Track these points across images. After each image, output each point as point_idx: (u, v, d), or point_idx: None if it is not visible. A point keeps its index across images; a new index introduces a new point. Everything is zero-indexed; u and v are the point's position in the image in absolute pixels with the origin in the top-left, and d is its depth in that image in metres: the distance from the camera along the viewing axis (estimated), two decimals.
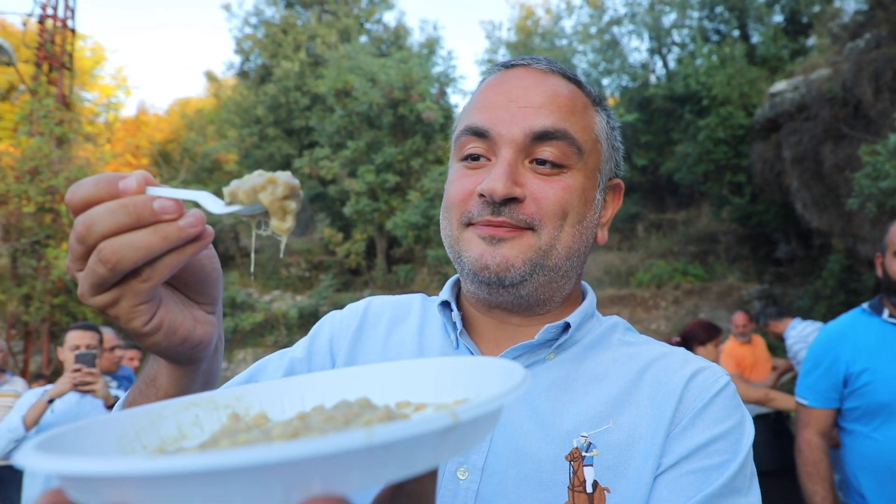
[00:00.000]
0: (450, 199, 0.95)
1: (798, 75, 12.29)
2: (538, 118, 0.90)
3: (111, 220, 0.54)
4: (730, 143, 14.64)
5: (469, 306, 1.02)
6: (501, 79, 0.97)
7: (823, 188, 11.28)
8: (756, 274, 14.99)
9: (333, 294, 14.76)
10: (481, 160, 0.93)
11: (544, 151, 0.90)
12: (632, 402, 0.88)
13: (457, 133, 0.97)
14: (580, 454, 0.84)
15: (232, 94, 18.19)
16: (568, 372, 0.93)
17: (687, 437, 0.84)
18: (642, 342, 1.00)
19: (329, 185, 15.42)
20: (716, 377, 0.90)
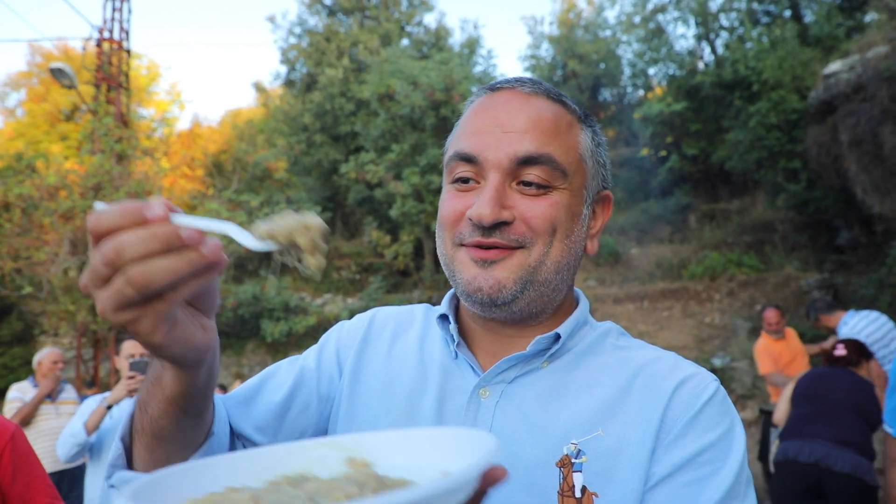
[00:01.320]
0: (443, 220, 1.00)
1: (854, 54, 11.77)
2: (522, 143, 0.93)
3: (143, 246, 0.58)
4: (783, 129, 14.13)
5: (467, 318, 1.07)
6: (488, 103, 1.00)
7: (884, 171, 10.78)
8: (816, 263, 14.43)
9: (383, 296, 14.97)
10: (471, 182, 0.97)
11: (529, 175, 0.94)
12: (621, 410, 0.91)
13: (447, 157, 1.01)
14: (570, 461, 0.87)
15: (279, 103, 18.67)
16: (559, 380, 0.96)
17: (679, 447, 0.87)
18: (635, 346, 1.03)
19: (375, 188, 15.65)
20: (705, 384, 0.93)
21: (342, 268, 17.77)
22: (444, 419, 0.97)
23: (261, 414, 1.01)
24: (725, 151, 15.90)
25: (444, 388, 1.00)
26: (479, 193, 0.94)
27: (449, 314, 1.06)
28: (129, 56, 15.01)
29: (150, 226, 0.59)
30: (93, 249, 0.61)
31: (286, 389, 1.04)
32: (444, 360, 1.04)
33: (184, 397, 0.76)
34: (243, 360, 15.18)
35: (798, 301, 12.88)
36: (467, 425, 0.94)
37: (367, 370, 1.07)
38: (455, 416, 0.97)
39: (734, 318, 13.07)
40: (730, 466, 0.86)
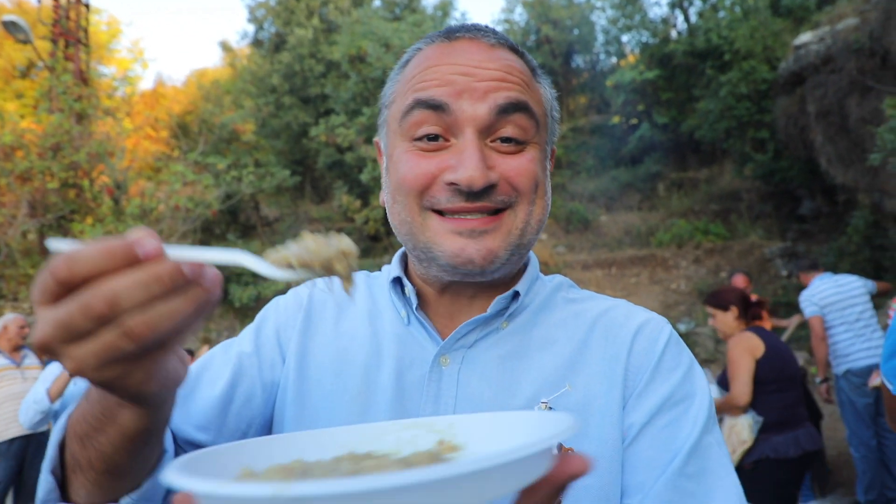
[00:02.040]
0: (406, 183, 0.88)
1: (824, 26, 11.88)
2: (500, 91, 0.86)
3: (143, 294, 0.49)
4: (752, 99, 14.29)
5: (419, 281, 1.00)
6: (446, 50, 0.90)
7: (848, 143, 11.00)
8: (779, 231, 14.78)
9: None
10: (440, 140, 0.87)
11: (507, 128, 0.87)
12: (584, 363, 0.91)
13: (404, 107, 0.89)
14: None
15: (247, 63, 18.15)
16: (520, 340, 0.94)
17: (650, 394, 0.88)
18: (586, 297, 1.02)
19: (346, 152, 15.42)
20: (660, 328, 0.95)
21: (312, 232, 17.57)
22: (404, 392, 0.91)
23: (201, 411, 0.93)
24: (696, 120, 16.04)
25: (401, 360, 0.94)
26: (452, 154, 0.86)
27: (402, 277, 0.99)
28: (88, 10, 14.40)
29: (146, 266, 0.50)
30: (60, 301, 0.50)
31: (225, 381, 0.95)
32: (396, 329, 0.98)
33: (148, 432, 0.67)
34: (211, 325, 15.02)
35: (761, 268, 13.21)
36: (430, 396, 0.90)
37: (315, 349, 0.99)
38: (416, 388, 0.92)
39: (699, 284, 13.36)
40: (699, 401, 0.88)
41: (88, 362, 0.51)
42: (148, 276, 0.50)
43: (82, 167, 12.53)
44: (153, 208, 13.78)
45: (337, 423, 0.86)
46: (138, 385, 0.56)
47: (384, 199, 0.98)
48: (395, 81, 0.96)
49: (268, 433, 0.97)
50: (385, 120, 0.97)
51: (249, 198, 16.31)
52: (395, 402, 0.90)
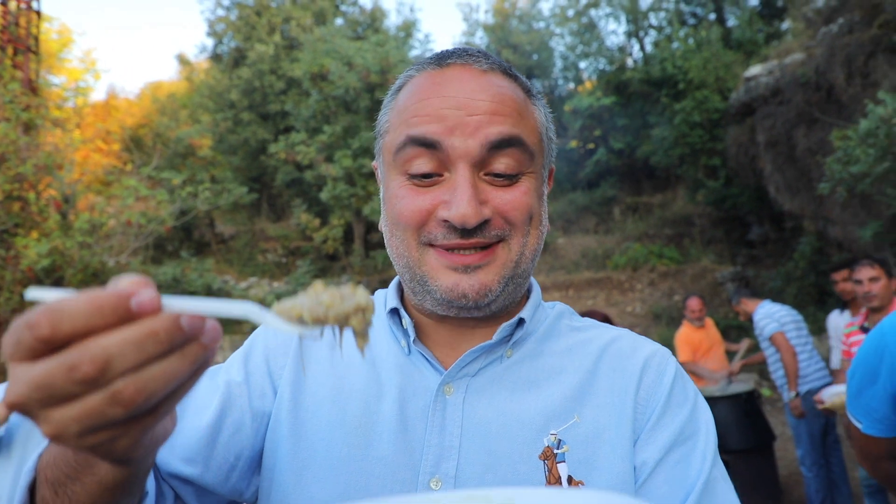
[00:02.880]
0: (402, 219, 0.88)
1: (772, 59, 12.41)
2: (492, 126, 0.85)
3: (136, 354, 0.45)
4: (705, 127, 14.77)
5: (416, 312, 0.98)
6: (438, 79, 0.89)
7: (796, 172, 11.45)
8: (730, 256, 15.23)
9: (311, 280, 14.67)
10: (433, 177, 0.86)
11: (499, 163, 0.86)
12: (592, 393, 0.90)
13: (398, 143, 0.88)
14: (552, 452, 0.84)
15: (205, 77, 17.84)
16: (526, 368, 0.93)
17: (662, 430, 0.88)
18: (590, 326, 1.02)
19: (305, 170, 15.26)
20: (666, 360, 0.95)
21: (268, 251, 17.29)
22: (408, 422, 0.88)
23: (187, 443, 0.87)
24: (650, 147, 16.47)
25: (403, 389, 0.91)
26: (445, 189, 0.85)
27: (400, 308, 0.96)
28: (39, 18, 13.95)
29: (141, 322, 0.45)
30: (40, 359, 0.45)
31: (213, 410, 0.90)
32: (397, 358, 0.95)
33: (128, 483, 0.61)
34: None
35: (713, 292, 13.55)
36: (435, 426, 0.87)
37: (310, 378, 0.95)
38: (420, 419, 0.89)
39: (654, 307, 13.61)
40: (705, 435, 0.89)
41: (70, 429, 0.46)
42: (142, 333, 0.45)
43: (28, 179, 12.03)
44: (103, 223, 13.32)
45: (336, 455, 0.86)
46: (123, 451, 0.50)
47: (382, 228, 0.96)
48: (389, 109, 0.94)
49: (257, 466, 0.93)
50: (380, 149, 0.96)
51: (204, 214, 15.95)
52: (398, 432, 0.87)
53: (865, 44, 9.06)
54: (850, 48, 9.35)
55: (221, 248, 16.98)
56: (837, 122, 9.26)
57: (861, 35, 9.19)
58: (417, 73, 0.92)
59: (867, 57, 9.08)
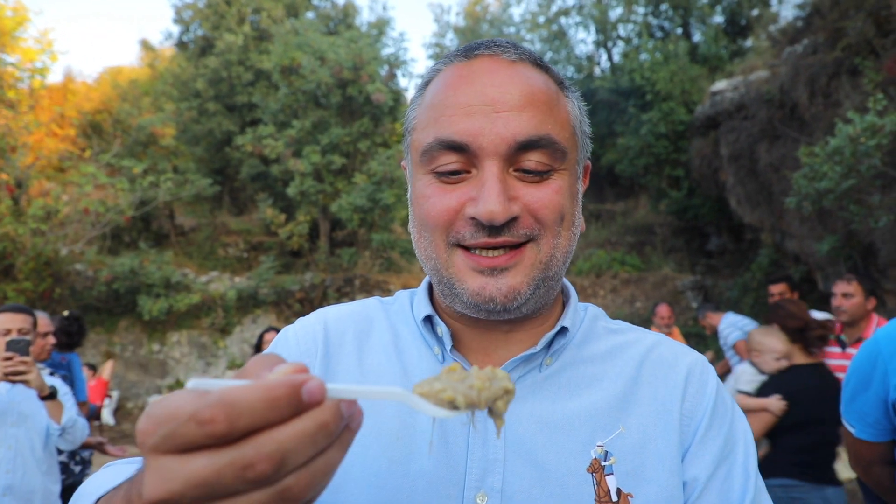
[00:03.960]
0: (430, 219, 0.86)
1: (738, 76, 12.77)
2: (521, 125, 0.82)
3: (311, 449, 0.44)
4: (670, 138, 15.11)
5: (448, 317, 0.95)
6: (466, 72, 0.86)
7: (757, 185, 11.81)
8: (689, 265, 15.60)
9: (274, 276, 14.42)
10: (461, 174, 0.84)
11: (529, 161, 0.83)
12: (635, 402, 0.88)
13: (425, 143, 0.85)
14: (600, 464, 0.83)
15: (170, 65, 17.37)
16: (568, 377, 0.90)
17: (710, 444, 0.87)
18: (626, 329, 1.01)
19: (272, 164, 15.00)
20: (708, 370, 0.94)
21: (229, 245, 16.91)
22: (448, 436, 0.85)
23: None
24: (615, 155, 16.74)
25: None
26: (473, 185, 0.83)
27: (434, 315, 0.93)
28: None
29: (311, 414, 0.45)
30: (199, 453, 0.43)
31: None
32: (431, 366, 0.92)
33: None
34: (115, 337, 14.09)
35: (674, 300, 13.86)
36: (478, 439, 0.84)
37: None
38: (461, 430, 0.85)
39: (616, 313, 13.85)
40: (745, 446, 0.89)
41: None
42: (315, 426, 0.44)
43: None
44: (58, 210, 12.84)
45: (375, 471, 0.82)
46: None
47: (410, 230, 0.93)
48: (416, 105, 0.92)
49: None
50: (408, 147, 0.93)
51: (164, 205, 15.51)
52: (440, 445, 0.84)
53: (828, 65, 9.41)
54: (814, 68, 9.69)
55: (181, 241, 16.54)
56: (799, 138, 9.59)
57: (824, 57, 9.54)
58: (445, 66, 0.90)
59: (830, 78, 9.43)
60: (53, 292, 13.14)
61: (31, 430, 3.46)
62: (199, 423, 0.42)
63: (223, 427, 0.42)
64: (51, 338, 4.44)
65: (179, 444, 0.43)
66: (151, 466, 0.44)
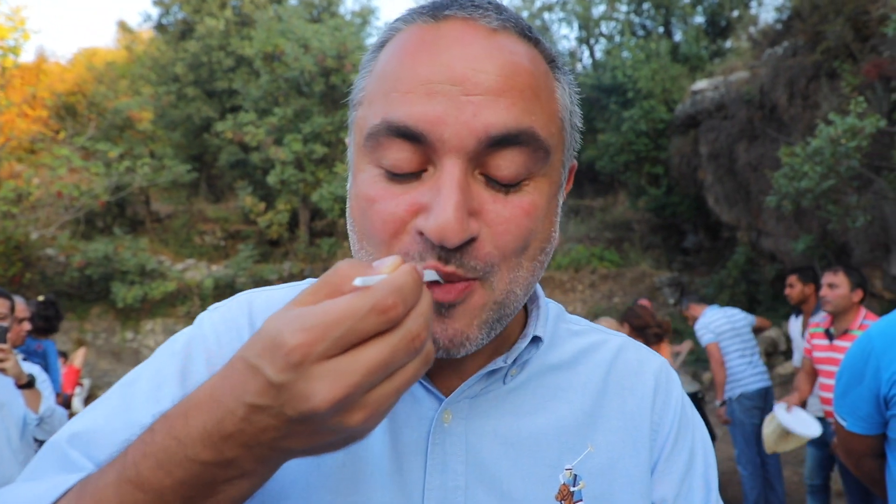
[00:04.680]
0: (371, 227, 0.66)
1: (718, 75, 12.95)
2: (496, 115, 0.62)
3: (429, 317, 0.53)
4: (650, 136, 15.26)
5: None
6: (431, 37, 0.65)
7: (735, 184, 12.01)
8: (666, 262, 15.81)
9: (252, 265, 14.29)
10: (416, 175, 0.65)
11: (500, 166, 0.64)
12: (603, 416, 0.80)
13: (371, 125, 0.65)
14: (569, 490, 0.74)
15: (148, 48, 17.04)
16: (533, 388, 0.79)
17: (676, 459, 0.83)
18: (587, 329, 0.89)
19: (252, 151, 14.83)
20: (672, 376, 0.88)
21: (206, 233, 16.70)
22: (402, 459, 0.72)
23: None
24: (596, 151, 16.87)
25: (393, 420, 0.74)
26: (428, 188, 0.63)
27: None
28: None
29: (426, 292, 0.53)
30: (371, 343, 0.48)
31: None
32: None
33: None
34: (87, 325, 13.85)
35: (651, 296, 14.04)
36: (436, 463, 0.72)
37: None
38: (416, 455, 0.72)
39: (595, 308, 13.99)
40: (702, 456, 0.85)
41: (384, 405, 0.50)
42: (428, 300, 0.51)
43: None
44: (30, 193, 12.55)
45: (318, 499, 0.69)
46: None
47: (348, 227, 0.73)
48: (367, 72, 0.72)
49: None
50: (352, 123, 0.73)
51: (140, 191, 15.25)
52: (392, 473, 0.71)
53: (808, 67, 9.58)
54: (794, 70, 9.86)
55: (157, 228, 16.29)
56: (778, 138, 9.76)
57: (804, 59, 9.71)
58: (405, 25, 0.69)
59: (809, 80, 9.60)
60: (23, 277, 12.86)
61: (8, 419, 3.33)
62: (381, 312, 0.46)
63: (401, 310, 0.47)
64: (26, 324, 4.31)
65: (356, 338, 0.46)
66: (316, 374, 0.46)
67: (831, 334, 4.07)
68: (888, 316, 2.04)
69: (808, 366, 4.37)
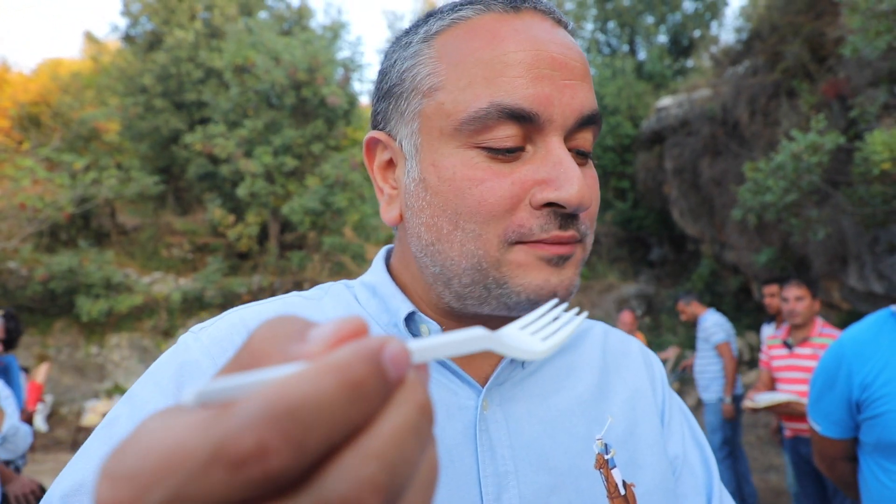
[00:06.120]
0: (478, 205, 0.67)
1: (682, 93, 13.35)
2: (586, 97, 0.70)
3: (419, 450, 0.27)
4: (617, 151, 15.61)
5: (439, 317, 0.79)
6: (520, 27, 0.69)
7: (699, 199, 12.36)
8: (633, 274, 16.12)
9: (221, 278, 14.12)
10: (516, 151, 0.68)
11: (585, 140, 0.72)
12: (612, 391, 0.86)
13: (473, 109, 0.67)
14: (604, 459, 0.78)
15: (115, 59, 16.80)
16: (549, 370, 0.83)
17: (676, 423, 0.90)
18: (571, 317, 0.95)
19: (221, 164, 14.71)
20: (653, 355, 0.96)
21: (173, 245, 16.44)
22: (452, 450, 0.72)
23: None
24: None
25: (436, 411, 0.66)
26: (536, 165, 0.68)
27: (416, 311, 0.76)
28: None
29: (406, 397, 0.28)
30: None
31: None
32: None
33: None
34: (49, 339, 13.48)
35: (619, 308, 14.30)
36: (485, 449, 0.73)
37: None
38: (465, 445, 0.73)
39: None
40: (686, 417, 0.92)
41: None
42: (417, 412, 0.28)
43: None
44: None
45: None
46: None
47: (416, 221, 0.73)
48: (429, 58, 0.71)
49: None
50: (417, 112, 0.71)
51: (105, 203, 14.96)
52: (444, 465, 0.71)
53: (768, 86, 9.97)
54: (754, 89, 10.25)
55: (123, 240, 15.98)
56: (741, 155, 10.11)
57: (764, 78, 10.10)
58: (477, 14, 0.70)
59: (769, 98, 9.99)
60: None
61: None
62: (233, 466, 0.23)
63: (286, 457, 0.24)
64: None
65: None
66: None
67: (790, 344, 4.25)
68: (859, 323, 2.11)
69: (765, 377, 4.46)
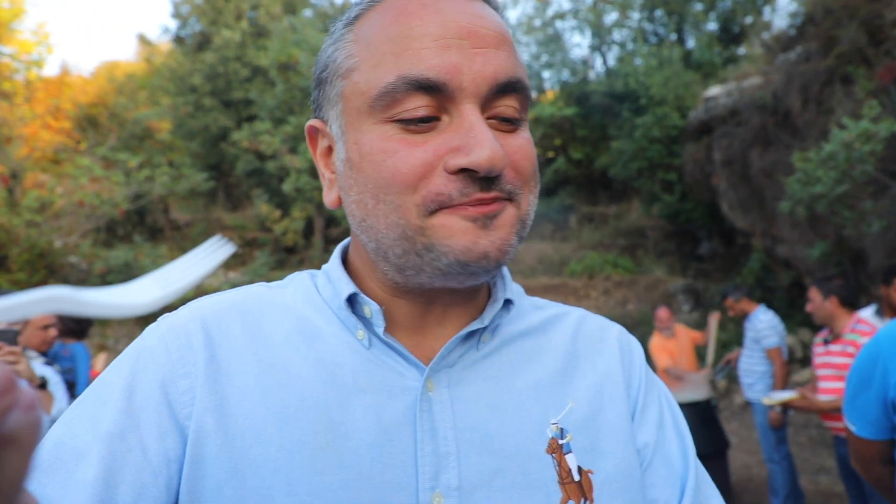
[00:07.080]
0: (392, 176, 0.68)
1: (731, 82, 12.94)
2: (500, 64, 0.70)
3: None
4: (664, 143, 15.24)
5: (383, 296, 0.79)
6: (423, 2, 0.71)
7: (749, 191, 11.97)
8: (680, 269, 15.76)
9: (268, 272, 14.46)
10: (432, 121, 0.69)
11: (507, 107, 0.72)
12: (578, 375, 0.84)
13: (383, 84, 0.68)
14: (557, 444, 0.77)
15: (166, 60, 17.37)
16: (508, 352, 0.82)
17: (650, 409, 0.88)
18: (549, 304, 0.94)
19: (267, 160, 15.03)
20: (632, 340, 0.94)
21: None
22: (389, 431, 0.72)
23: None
24: (609, 158, 16.89)
25: (376, 391, 0.74)
26: (450, 134, 0.69)
27: (358, 292, 0.77)
28: None
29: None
30: None
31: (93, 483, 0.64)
32: (355, 354, 0.77)
33: None
34: (108, 330, 14.06)
35: (666, 303, 14.03)
36: (426, 430, 0.72)
37: (239, 400, 0.72)
38: (404, 424, 0.73)
39: (610, 315, 13.99)
40: (668, 407, 0.90)
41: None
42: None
43: None
44: (53, 202, 12.83)
45: (304, 488, 0.68)
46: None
47: (348, 200, 0.75)
48: (346, 42, 0.74)
49: None
50: (339, 94, 0.74)
51: (159, 199, 15.51)
52: (379, 444, 0.71)
53: (821, 72, 9.57)
54: (807, 76, 9.86)
55: (176, 236, 16.54)
56: (793, 143, 9.75)
57: (817, 64, 9.70)
58: None
59: (822, 85, 9.59)
60: (47, 284, 13.12)
61: None
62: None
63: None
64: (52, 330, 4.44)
65: None
66: None
67: (827, 341, 4.35)
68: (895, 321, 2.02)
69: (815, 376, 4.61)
